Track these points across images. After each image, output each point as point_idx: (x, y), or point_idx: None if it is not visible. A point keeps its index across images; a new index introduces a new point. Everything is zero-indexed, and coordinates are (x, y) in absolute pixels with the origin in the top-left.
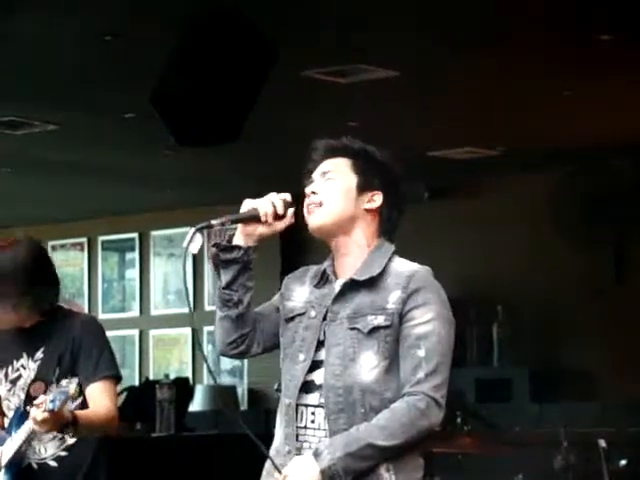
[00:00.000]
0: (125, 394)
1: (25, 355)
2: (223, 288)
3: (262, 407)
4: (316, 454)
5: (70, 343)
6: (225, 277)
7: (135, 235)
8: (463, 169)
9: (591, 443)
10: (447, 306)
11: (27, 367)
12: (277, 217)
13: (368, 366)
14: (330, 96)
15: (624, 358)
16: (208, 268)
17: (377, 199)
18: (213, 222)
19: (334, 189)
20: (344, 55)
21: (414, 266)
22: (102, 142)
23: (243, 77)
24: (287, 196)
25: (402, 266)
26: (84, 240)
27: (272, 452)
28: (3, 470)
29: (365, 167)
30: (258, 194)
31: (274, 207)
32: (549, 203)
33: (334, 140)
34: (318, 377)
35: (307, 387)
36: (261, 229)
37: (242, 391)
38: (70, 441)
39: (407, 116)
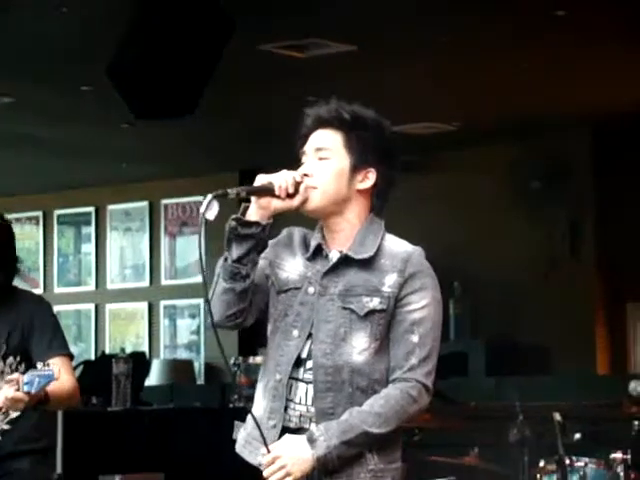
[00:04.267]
0: (81, 368)
1: None
2: (233, 261)
3: (219, 382)
4: (311, 440)
5: (20, 322)
6: (237, 251)
7: (91, 209)
8: (420, 144)
9: (546, 417)
10: (438, 288)
11: None
12: (289, 195)
13: (359, 347)
14: (287, 70)
15: (578, 332)
16: (164, 243)
17: (371, 177)
18: (229, 190)
19: (328, 171)
20: (301, 29)
21: (408, 247)
22: (58, 115)
23: (200, 50)
24: (296, 174)
25: (396, 246)
26: (39, 214)
27: (251, 423)
28: None
29: (358, 143)
30: (215, 168)
31: (287, 183)
32: (505, 178)
33: (327, 109)
34: (307, 352)
35: (297, 361)
36: (275, 202)
37: (199, 366)
38: (13, 415)
39: (364, 91)
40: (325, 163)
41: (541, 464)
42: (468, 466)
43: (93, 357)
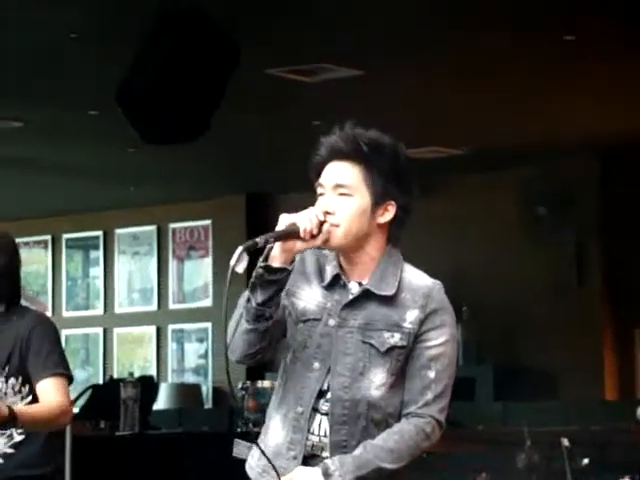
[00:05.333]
0: (89, 392)
1: None
2: (258, 305)
3: (227, 405)
4: (326, 474)
5: (19, 341)
6: (263, 295)
7: (99, 233)
8: (428, 169)
9: (554, 442)
10: (456, 326)
11: None
12: (312, 236)
13: (377, 382)
14: (295, 95)
15: (585, 358)
16: (172, 267)
17: (391, 209)
18: (257, 240)
19: (350, 209)
20: (309, 54)
21: (428, 281)
22: (67, 139)
23: (207, 76)
24: (319, 213)
25: (416, 279)
26: (48, 238)
27: (271, 452)
28: None
29: (380, 178)
30: (222, 191)
31: (312, 224)
32: (512, 203)
33: (344, 139)
34: (327, 384)
35: (318, 393)
36: (299, 245)
37: (207, 389)
38: (18, 438)
39: (371, 115)
40: (346, 200)
41: None
42: None
43: (101, 381)
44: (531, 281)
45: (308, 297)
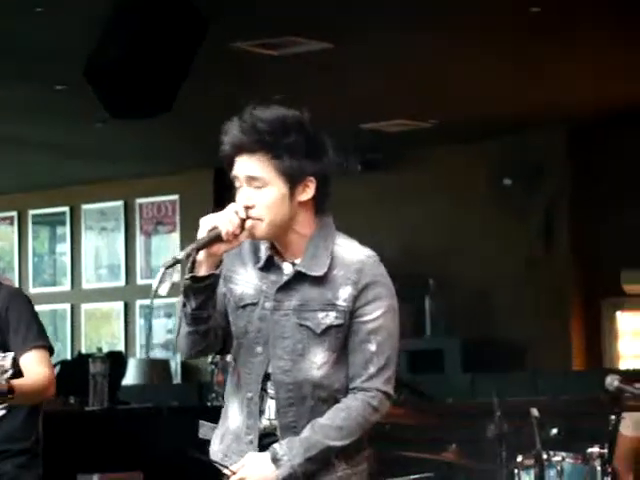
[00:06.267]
0: (58, 368)
1: None
2: (194, 310)
3: (195, 380)
4: (275, 459)
5: None
6: (196, 300)
7: (66, 209)
8: (395, 142)
9: (523, 412)
10: (394, 295)
11: None
12: (235, 236)
13: (318, 362)
14: (262, 68)
15: (553, 328)
16: (140, 242)
17: (310, 185)
18: (179, 257)
19: (269, 201)
20: (277, 27)
21: (361, 255)
22: (33, 114)
23: (175, 49)
24: (239, 210)
25: (349, 253)
26: (14, 214)
27: (230, 436)
28: None
29: (290, 160)
30: (190, 165)
31: (233, 225)
32: (480, 176)
33: (244, 131)
34: (270, 367)
35: (266, 377)
36: (223, 247)
37: (175, 365)
38: (0, 413)
39: (338, 89)
40: (263, 192)
41: (519, 459)
42: (446, 462)
43: (69, 357)
44: (499, 252)
45: (244, 281)
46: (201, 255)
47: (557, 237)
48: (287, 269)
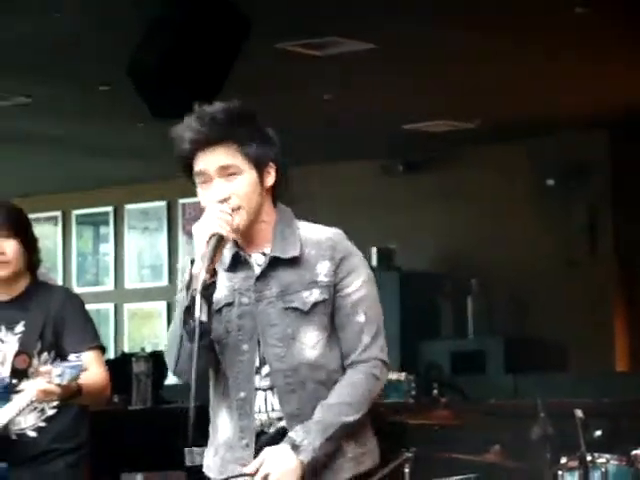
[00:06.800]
0: None
1: (4, 328)
2: (202, 322)
3: None
4: (294, 446)
5: (51, 317)
6: (205, 309)
7: (109, 209)
8: (439, 142)
9: (567, 413)
10: (367, 264)
11: (6, 340)
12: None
13: (311, 342)
14: (306, 68)
15: (597, 328)
16: (182, 242)
17: (272, 171)
18: (205, 279)
19: (244, 187)
20: (320, 27)
21: (328, 232)
22: (76, 114)
23: (217, 49)
24: (224, 208)
25: (315, 233)
26: (58, 214)
27: (222, 447)
28: None
29: (251, 146)
30: None
31: (227, 224)
32: (524, 175)
33: (204, 125)
34: (259, 360)
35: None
36: (224, 247)
37: None
38: (50, 412)
39: (382, 90)
40: (237, 180)
41: (563, 461)
42: (490, 463)
43: (112, 356)
44: (542, 252)
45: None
46: (208, 267)
47: (600, 237)
48: (258, 260)
